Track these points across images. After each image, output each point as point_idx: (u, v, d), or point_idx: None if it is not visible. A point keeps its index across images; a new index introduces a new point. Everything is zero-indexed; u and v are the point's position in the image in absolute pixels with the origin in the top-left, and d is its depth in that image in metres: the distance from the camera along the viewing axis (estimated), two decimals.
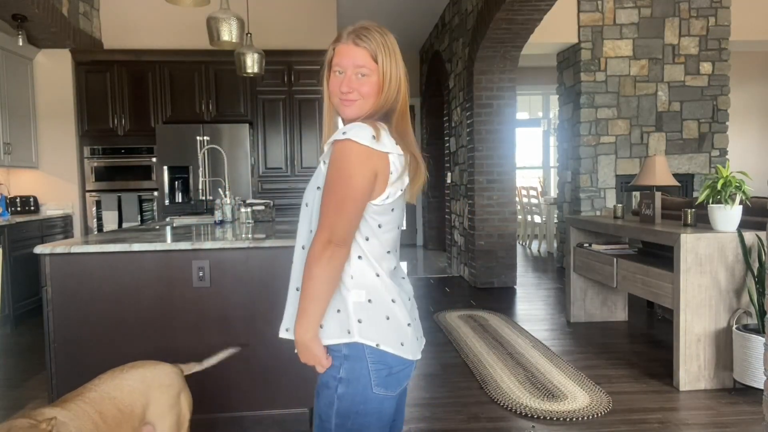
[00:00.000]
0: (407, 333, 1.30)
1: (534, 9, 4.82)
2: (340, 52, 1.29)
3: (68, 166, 5.78)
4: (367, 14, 7.04)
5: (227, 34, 3.69)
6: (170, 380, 1.93)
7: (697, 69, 6.35)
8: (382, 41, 1.28)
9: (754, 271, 2.97)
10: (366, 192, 1.22)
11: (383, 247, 1.29)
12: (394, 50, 1.29)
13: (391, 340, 1.27)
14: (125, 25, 6.04)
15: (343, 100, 1.29)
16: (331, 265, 1.20)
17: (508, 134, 5.83)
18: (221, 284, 2.57)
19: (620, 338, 4.06)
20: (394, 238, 1.34)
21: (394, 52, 1.29)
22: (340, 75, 1.29)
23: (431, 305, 5.16)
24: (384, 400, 1.29)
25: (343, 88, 1.28)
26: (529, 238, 9.12)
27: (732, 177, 2.96)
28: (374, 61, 1.27)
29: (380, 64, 1.27)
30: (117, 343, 2.55)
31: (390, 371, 1.28)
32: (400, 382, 1.31)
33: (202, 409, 2.61)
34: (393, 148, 1.25)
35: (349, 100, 1.28)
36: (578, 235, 4.45)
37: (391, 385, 1.29)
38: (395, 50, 1.30)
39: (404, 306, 1.32)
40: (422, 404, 2.96)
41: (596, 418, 2.73)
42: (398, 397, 1.36)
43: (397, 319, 1.29)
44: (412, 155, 1.30)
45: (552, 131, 9.79)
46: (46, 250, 2.48)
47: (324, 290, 1.21)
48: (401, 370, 1.30)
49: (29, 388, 3.22)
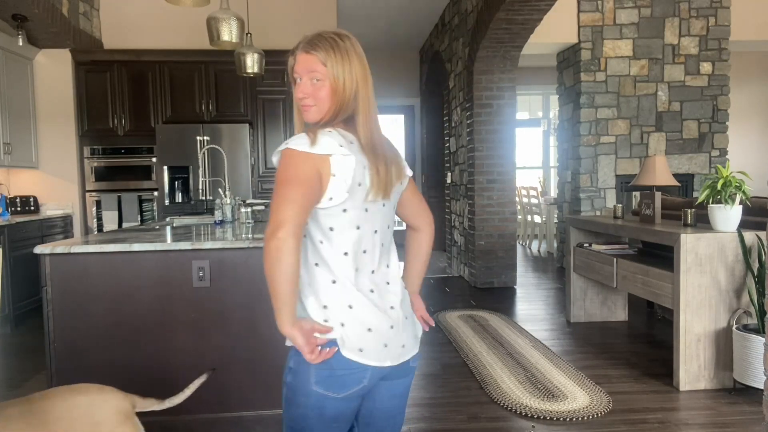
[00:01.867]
0: (367, 339, 1.31)
1: (534, 9, 4.82)
2: (296, 60, 1.35)
3: (68, 166, 5.78)
4: (367, 14, 7.04)
5: (227, 34, 3.69)
6: (110, 414, 1.63)
7: (697, 69, 6.35)
8: (331, 46, 1.31)
9: (754, 271, 2.97)
10: (308, 181, 1.24)
11: (338, 250, 1.30)
12: (347, 54, 1.32)
13: (348, 345, 1.29)
14: (125, 25, 6.04)
15: (302, 106, 1.35)
16: (278, 257, 1.19)
17: (508, 134, 5.83)
18: (221, 284, 2.57)
19: (620, 338, 4.06)
20: (355, 240, 1.31)
21: (347, 56, 1.32)
22: (299, 82, 1.35)
23: (431, 305, 5.16)
24: (325, 400, 1.30)
25: (298, 95, 1.35)
26: (529, 238, 9.12)
27: (732, 177, 2.96)
28: (324, 66, 1.31)
29: (329, 68, 1.31)
30: (117, 343, 2.55)
31: (332, 373, 1.29)
32: (345, 385, 1.30)
33: (203, 409, 2.61)
34: (335, 150, 1.26)
35: (307, 105, 1.34)
36: (578, 235, 4.45)
37: (332, 387, 1.29)
38: (350, 54, 1.32)
39: (369, 312, 1.32)
40: (422, 404, 2.96)
41: (596, 418, 2.73)
42: (354, 401, 1.33)
43: (354, 325, 1.29)
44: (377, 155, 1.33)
45: (552, 131, 9.79)
46: (46, 250, 2.48)
47: (278, 283, 1.21)
48: (347, 374, 1.29)
49: (29, 388, 3.22)
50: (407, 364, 1.42)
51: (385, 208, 1.37)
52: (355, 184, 1.28)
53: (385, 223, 1.39)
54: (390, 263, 1.42)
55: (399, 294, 1.41)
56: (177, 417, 2.61)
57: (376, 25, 7.52)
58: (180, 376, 2.58)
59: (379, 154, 1.33)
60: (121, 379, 2.56)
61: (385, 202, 1.36)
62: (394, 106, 9.36)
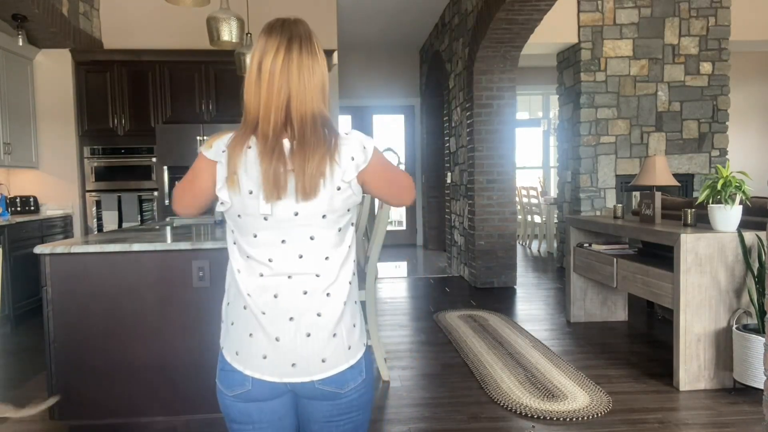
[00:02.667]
0: (243, 344, 1.27)
1: (534, 9, 4.82)
2: None
3: (68, 166, 5.78)
4: (367, 14, 7.04)
5: (227, 34, 3.70)
6: None
7: (697, 69, 6.35)
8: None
9: (754, 271, 2.97)
10: (197, 174, 1.30)
11: (241, 252, 1.29)
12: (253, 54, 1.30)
13: (228, 346, 1.30)
14: (125, 25, 6.04)
15: None
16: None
17: (508, 134, 5.83)
18: (221, 284, 2.56)
19: (620, 338, 4.06)
20: (253, 248, 1.25)
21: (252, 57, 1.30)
22: None
23: (431, 305, 5.16)
24: (222, 393, 1.32)
25: None
26: (529, 238, 9.12)
27: (732, 177, 2.96)
28: None
29: None
30: (117, 343, 2.55)
31: (223, 367, 1.31)
32: (230, 384, 1.29)
33: (202, 409, 2.61)
34: (219, 157, 1.25)
35: None
36: (578, 235, 4.45)
37: (222, 381, 1.31)
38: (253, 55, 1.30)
39: (254, 318, 1.25)
40: (422, 404, 2.96)
41: (596, 418, 2.73)
42: (251, 405, 1.30)
43: (238, 328, 1.29)
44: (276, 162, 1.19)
45: (552, 131, 9.79)
46: (46, 250, 2.48)
47: None
48: (229, 373, 1.29)
49: (29, 388, 3.22)
50: (313, 387, 1.26)
51: (297, 217, 1.22)
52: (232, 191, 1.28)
53: (299, 234, 1.24)
54: (322, 274, 1.25)
55: (315, 308, 1.24)
56: (177, 417, 2.61)
57: (376, 24, 7.52)
58: (180, 376, 2.58)
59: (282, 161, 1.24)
60: (121, 379, 2.57)
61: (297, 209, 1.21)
62: (394, 106, 9.36)
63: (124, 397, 2.56)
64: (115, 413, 2.58)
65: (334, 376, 1.27)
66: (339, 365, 1.27)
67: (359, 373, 1.30)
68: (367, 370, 1.33)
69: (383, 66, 8.90)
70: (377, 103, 9.18)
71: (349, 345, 1.28)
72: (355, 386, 1.30)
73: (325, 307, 1.25)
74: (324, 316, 1.25)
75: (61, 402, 2.56)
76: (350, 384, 1.29)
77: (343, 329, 1.27)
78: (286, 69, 1.22)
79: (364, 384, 1.32)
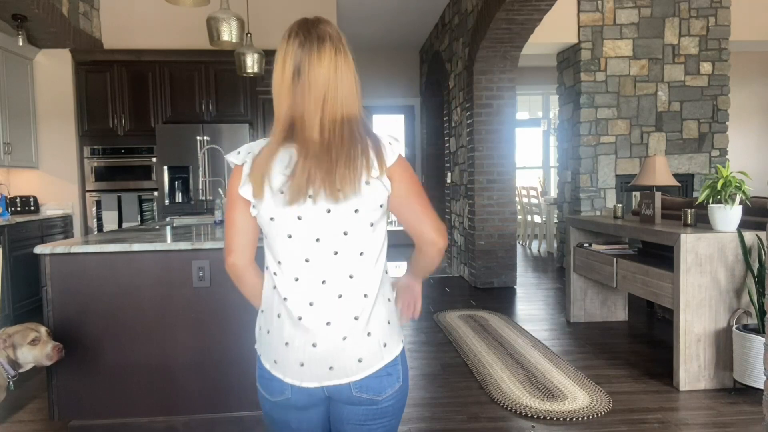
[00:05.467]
0: (280, 352, 1.27)
1: (534, 9, 4.82)
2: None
3: (68, 166, 5.78)
4: (367, 14, 7.04)
5: (227, 34, 3.69)
6: None
7: (697, 69, 6.35)
8: None
9: (754, 271, 2.97)
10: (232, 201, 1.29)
11: (274, 258, 1.29)
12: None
13: (266, 354, 1.31)
14: (125, 25, 6.04)
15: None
16: (232, 276, 1.37)
17: (508, 134, 5.83)
18: (221, 284, 2.57)
19: (620, 338, 4.06)
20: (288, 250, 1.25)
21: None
22: None
23: (431, 305, 5.16)
24: (264, 398, 1.33)
25: None
26: (529, 238, 9.12)
27: (732, 177, 2.96)
28: None
29: None
30: (117, 343, 2.55)
31: (263, 374, 1.32)
32: (272, 390, 1.30)
33: (203, 409, 2.61)
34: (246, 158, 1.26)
35: None
36: (578, 235, 4.45)
37: (265, 388, 1.32)
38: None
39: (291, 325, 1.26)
40: (422, 404, 2.96)
41: (596, 418, 2.73)
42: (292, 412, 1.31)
43: (273, 337, 1.28)
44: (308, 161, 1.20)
45: (552, 131, 9.79)
46: (46, 250, 2.48)
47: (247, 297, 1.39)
48: (269, 381, 1.30)
49: (29, 388, 3.22)
50: (350, 393, 1.26)
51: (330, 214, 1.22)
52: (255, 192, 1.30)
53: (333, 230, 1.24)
54: (356, 274, 1.25)
55: (351, 310, 1.24)
56: (177, 417, 2.61)
57: (376, 25, 7.52)
58: (180, 376, 2.58)
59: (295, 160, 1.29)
60: (121, 379, 2.57)
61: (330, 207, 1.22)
62: (394, 106, 9.35)
63: (124, 397, 2.56)
64: (115, 413, 2.58)
65: (372, 380, 1.26)
66: (375, 364, 1.26)
67: (396, 380, 1.29)
68: (404, 377, 1.32)
69: (383, 66, 8.89)
70: (377, 103, 9.17)
71: (385, 342, 1.28)
72: (392, 393, 1.29)
73: (360, 309, 1.25)
74: (360, 318, 1.25)
75: (61, 402, 2.56)
76: (387, 391, 1.28)
77: (377, 327, 1.27)
78: (324, 72, 1.21)
79: (400, 391, 1.31)
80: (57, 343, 2.29)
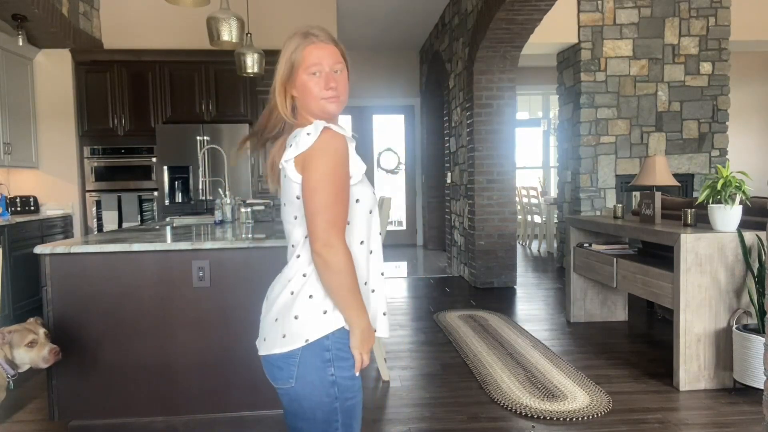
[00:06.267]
0: None
1: (534, 9, 4.82)
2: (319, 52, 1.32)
3: (68, 166, 5.78)
4: (366, 14, 7.04)
5: (227, 34, 3.70)
6: None
7: (697, 69, 6.35)
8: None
9: (754, 271, 2.97)
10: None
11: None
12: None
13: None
14: (125, 25, 6.04)
15: (329, 98, 1.32)
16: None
17: (508, 134, 5.83)
18: (221, 284, 2.57)
19: (620, 338, 4.06)
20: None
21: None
22: (322, 74, 1.32)
23: (431, 305, 5.16)
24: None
25: (330, 85, 1.32)
26: (529, 238, 9.12)
27: (732, 177, 2.96)
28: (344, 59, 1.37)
29: (346, 61, 1.38)
30: (117, 343, 2.55)
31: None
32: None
33: (203, 409, 2.61)
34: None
35: (334, 98, 1.33)
36: (578, 235, 4.45)
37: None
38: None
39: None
40: (422, 404, 2.96)
41: (596, 418, 2.73)
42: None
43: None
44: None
45: (552, 131, 9.79)
46: (46, 250, 2.48)
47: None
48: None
49: (29, 388, 3.22)
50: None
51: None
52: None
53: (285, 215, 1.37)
54: (293, 255, 1.35)
55: (274, 289, 1.38)
56: (177, 417, 2.61)
57: (376, 25, 7.52)
58: (180, 376, 2.58)
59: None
60: (121, 379, 2.57)
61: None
62: (394, 106, 9.35)
63: (124, 397, 2.56)
64: (115, 413, 2.58)
65: (267, 363, 1.33)
66: (272, 348, 1.31)
67: (289, 377, 1.29)
68: (300, 381, 1.28)
69: (383, 66, 8.89)
70: (377, 103, 9.17)
71: (284, 333, 1.29)
72: (286, 388, 1.30)
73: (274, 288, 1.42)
74: (271, 297, 1.41)
75: (61, 402, 2.56)
76: (278, 382, 1.32)
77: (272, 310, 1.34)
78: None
79: (294, 392, 1.29)
80: (54, 346, 2.27)
